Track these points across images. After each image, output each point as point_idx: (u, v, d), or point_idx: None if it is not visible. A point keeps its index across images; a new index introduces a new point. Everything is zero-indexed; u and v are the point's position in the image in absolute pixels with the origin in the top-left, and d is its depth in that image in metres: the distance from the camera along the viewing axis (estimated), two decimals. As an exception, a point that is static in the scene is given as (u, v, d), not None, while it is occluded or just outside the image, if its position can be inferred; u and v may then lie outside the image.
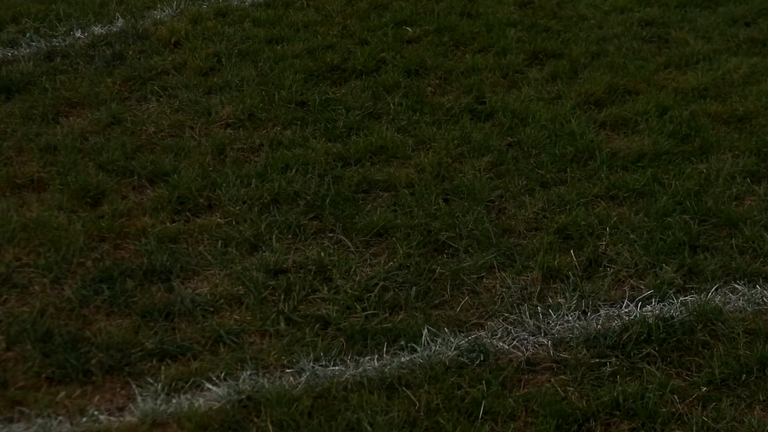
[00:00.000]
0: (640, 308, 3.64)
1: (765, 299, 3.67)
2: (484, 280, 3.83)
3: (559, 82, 5.18)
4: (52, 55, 5.59)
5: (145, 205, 4.29)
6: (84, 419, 3.26)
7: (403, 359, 3.45)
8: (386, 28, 5.79)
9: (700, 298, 3.67)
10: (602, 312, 3.64)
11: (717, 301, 3.65)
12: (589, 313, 3.63)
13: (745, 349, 3.43)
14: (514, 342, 3.52)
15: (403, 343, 3.51)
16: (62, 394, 3.36)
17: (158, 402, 3.30)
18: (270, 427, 3.18)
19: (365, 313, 3.65)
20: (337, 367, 3.42)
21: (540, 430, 3.15)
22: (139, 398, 3.33)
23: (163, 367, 3.45)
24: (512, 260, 3.91)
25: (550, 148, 4.58)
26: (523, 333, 3.56)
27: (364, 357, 3.47)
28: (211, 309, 3.71)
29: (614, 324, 3.56)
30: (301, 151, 4.58)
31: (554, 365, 3.42)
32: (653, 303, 3.67)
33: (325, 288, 3.78)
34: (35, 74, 5.37)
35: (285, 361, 3.46)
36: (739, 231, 4.02)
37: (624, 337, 3.49)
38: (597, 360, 3.42)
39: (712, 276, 3.78)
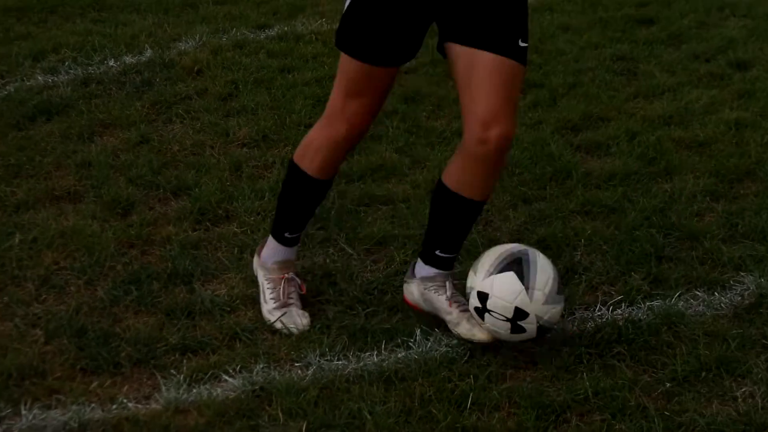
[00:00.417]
0: (612, 312, 3.64)
1: (722, 305, 3.67)
2: (472, 285, 3.83)
3: (539, 109, 5.19)
4: (87, 82, 5.59)
5: (170, 216, 4.29)
6: (114, 406, 3.26)
7: (399, 355, 3.44)
8: (386, 59, 5.79)
9: (665, 303, 3.66)
10: (577, 315, 3.63)
11: (680, 306, 3.64)
12: (565, 316, 3.62)
13: (705, 349, 3.42)
14: (499, 341, 3.51)
15: (399, 340, 3.51)
16: (95, 383, 3.36)
17: (180, 391, 3.30)
18: (280, 414, 3.18)
19: (365, 312, 3.64)
20: (340, 362, 3.42)
21: (521, 420, 3.14)
22: (163, 388, 3.32)
23: (185, 361, 3.45)
24: (497, 268, 3.90)
25: (532, 168, 4.59)
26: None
27: (364, 353, 3.46)
28: (228, 309, 3.71)
29: (588, 325, 3.56)
30: (310, 169, 4.57)
31: (534, 362, 3.42)
32: (623, 307, 3.66)
33: (330, 291, 3.78)
34: (73, 98, 5.37)
35: (294, 356, 3.45)
36: (700, 244, 4.02)
37: (597, 338, 3.48)
38: (572, 357, 3.41)
39: (676, 284, 3.78)
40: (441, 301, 3.52)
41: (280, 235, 3.68)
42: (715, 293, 3.73)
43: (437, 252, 3.55)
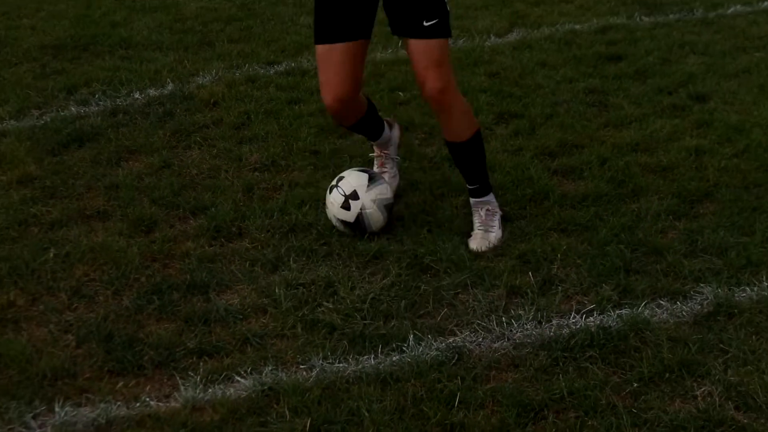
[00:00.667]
0: (585, 319, 3.64)
1: (684, 313, 3.67)
2: (460, 295, 3.83)
3: (520, 137, 5.19)
4: (115, 112, 5.60)
5: (188, 233, 4.29)
6: (137, 404, 3.26)
7: (393, 358, 3.44)
8: (383, 92, 5.81)
9: (632, 312, 3.66)
10: (554, 322, 3.63)
11: (646, 314, 3.64)
12: (543, 323, 3.63)
13: (668, 353, 3.42)
14: (483, 345, 3.52)
15: (393, 345, 3.50)
16: (120, 384, 3.36)
17: (197, 391, 3.30)
18: (287, 412, 3.17)
19: (364, 321, 3.64)
20: (341, 365, 3.41)
21: (503, 417, 3.14)
22: (182, 388, 3.32)
23: (201, 363, 3.45)
24: (482, 279, 3.90)
25: (513, 189, 4.59)
26: (491, 338, 3.56)
27: (362, 356, 3.46)
28: (241, 316, 3.71)
29: (564, 332, 3.56)
30: (314, 191, 4.58)
31: (515, 364, 3.42)
32: (595, 315, 3.66)
33: (332, 300, 3.78)
34: (102, 127, 5.39)
35: (299, 359, 3.45)
36: (663, 258, 4.02)
37: (571, 343, 3.48)
38: (549, 360, 3.41)
39: (642, 294, 3.78)
40: (475, 219, 4.23)
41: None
42: (678, 302, 3.73)
43: (467, 185, 4.27)
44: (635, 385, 3.29)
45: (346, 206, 4.13)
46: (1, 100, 5.81)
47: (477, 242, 4.11)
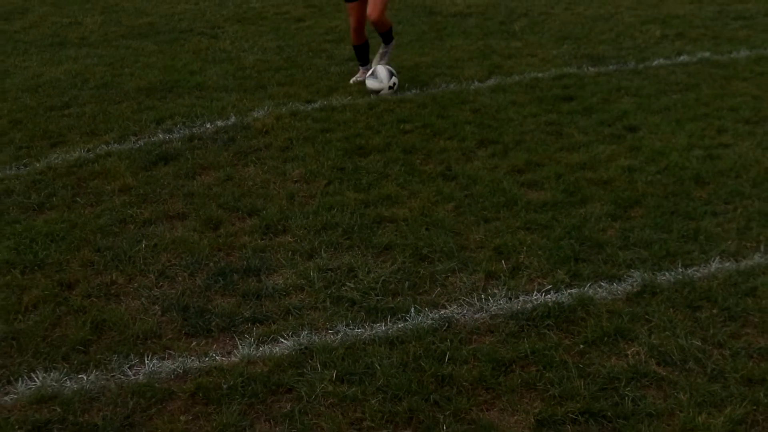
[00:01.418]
0: (544, 296, 3.62)
1: (619, 292, 3.64)
2: (450, 278, 3.81)
3: (496, 158, 5.16)
4: (192, 138, 5.59)
5: (245, 230, 4.28)
6: (206, 359, 3.26)
7: (399, 326, 3.43)
8: (392, 123, 5.79)
9: (580, 291, 3.64)
10: (521, 298, 3.61)
11: (590, 293, 3.62)
12: (512, 299, 3.61)
13: (607, 322, 3.40)
14: (467, 316, 3.50)
15: (399, 315, 3.49)
16: (194, 343, 3.36)
17: (251, 349, 3.30)
18: (318, 365, 3.17)
19: (377, 297, 3.63)
20: (359, 330, 3.40)
21: (482, 370, 3.13)
22: (240, 347, 3.32)
23: (254, 328, 3.45)
24: (467, 266, 3.88)
25: (491, 198, 4.56)
26: (473, 311, 3.54)
27: (376, 324, 3.45)
28: (284, 293, 3.70)
29: (528, 306, 3.54)
30: (340, 198, 4.56)
31: (491, 331, 3.40)
32: (552, 293, 3.64)
33: (353, 281, 3.76)
34: (182, 149, 5.38)
35: (328, 326, 3.44)
36: (604, 250, 3.99)
37: (533, 314, 3.46)
38: (517, 328, 3.40)
39: (587, 277, 3.75)
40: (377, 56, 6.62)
41: (358, 65, 6.63)
42: (614, 284, 3.70)
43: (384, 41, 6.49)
44: (581, 346, 3.27)
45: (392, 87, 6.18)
46: (108, 129, 5.81)
47: (375, 61, 6.46)
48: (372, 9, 6.12)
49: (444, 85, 6.61)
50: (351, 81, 6.47)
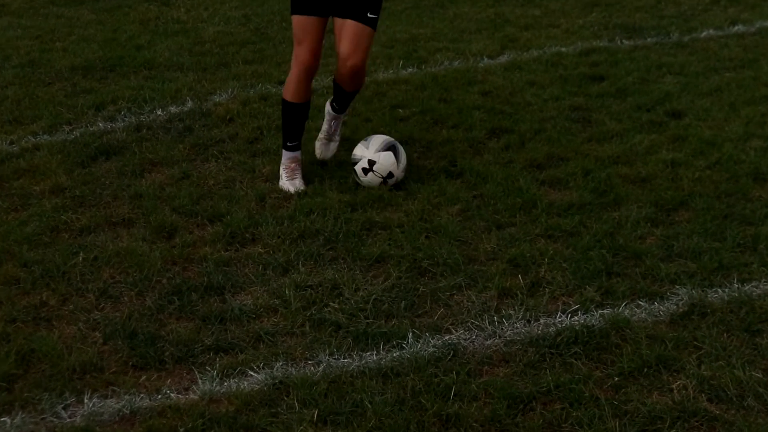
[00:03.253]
0: (570, 318, 3.64)
1: (661, 313, 3.66)
2: (455, 296, 3.82)
3: (510, 150, 5.19)
4: (139, 128, 5.60)
5: (206, 239, 4.29)
6: (159, 396, 3.26)
7: (394, 354, 3.44)
8: (384, 109, 5.81)
9: (614, 311, 3.66)
10: (542, 321, 3.63)
11: (626, 314, 3.64)
12: (532, 322, 3.62)
13: (647, 349, 3.42)
14: (477, 342, 3.51)
15: (394, 342, 3.50)
16: (143, 377, 3.36)
17: (214, 384, 3.30)
18: (296, 404, 3.17)
19: (366, 320, 3.64)
20: (345, 360, 3.41)
21: (495, 409, 3.13)
22: (199, 381, 3.32)
23: (217, 359, 3.45)
24: (476, 282, 3.90)
25: (504, 199, 4.59)
26: (483, 336, 3.56)
27: (365, 353, 3.46)
28: (254, 316, 3.70)
29: (551, 330, 3.55)
30: (321, 200, 4.58)
31: (506, 360, 3.42)
32: (579, 314, 3.66)
33: (338, 301, 3.77)
34: (127, 141, 5.39)
35: (308, 355, 3.45)
36: (642, 262, 4.02)
37: (558, 340, 3.48)
38: (537, 356, 3.41)
39: (623, 295, 3.78)
40: (324, 124, 5.03)
41: (285, 144, 4.81)
42: (655, 303, 3.73)
43: (336, 107, 4.97)
44: (616, 379, 3.29)
45: (384, 183, 4.68)
46: (36, 117, 5.81)
47: (321, 150, 4.98)
48: (351, 47, 4.53)
49: (447, 62, 6.65)
50: (283, 186, 4.75)
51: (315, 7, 4.55)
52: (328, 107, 5.01)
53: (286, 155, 4.79)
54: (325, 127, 5.01)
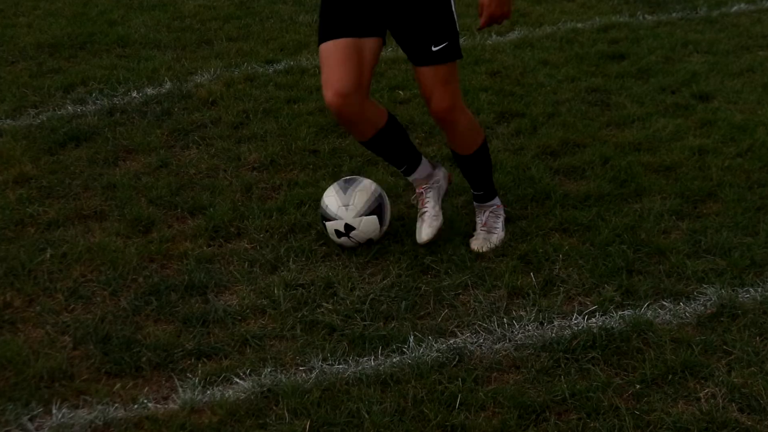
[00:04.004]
0: (587, 320, 3.64)
1: (687, 314, 3.67)
2: (461, 296, 3.83)
3: (521, 136, 5.20)
4: (113, 111, 5.60)
5: (187, 233, 4.29)
6: (135, 406, 3.25)
7: (394, 360, 3.44)
8: (383, 91, 5.81)
9: (635, 313, 3.66)
10: (556, 323, 3.63)
11: (648, 315, 3.64)
12: (545, 324, 3.63)
13: (671, 354, 3.42)
14: (485, 347, 3.52)
15: (394, 346, 3.50)
16: (118, 385, 3.36)
17: (195, 393, 3.29)
18: (286, 414, 3.17)
19: (363, 322, 3.64)
20: (341, 366, 3.41)
21: (505, 419, 3.14)
22: (180, 389, 3.32)
23: (199, 365, 3.45)
24: (483, 280, 3.90)
25: (515, 189, 4.59)
26: (492, 339, 3.56)
27: (362, 358, 3.46)
28: (239, 317, 3.71)
29: (566, 333, 3.56)
30: (313, 190, 4.58)
31: (516, 366, 3.42)
32: (597, 316, 3.66)
33: (332, 301, 3.78)
34: (99, 126, 5.39)
35: (299, 361, 3.45)
36: (666, 258, 4.03)
37: (573, 344, 3.48)
38: (551, 362, 3.41)
39: (645, 295, 3.78)
40: (477, 220, 4.20)
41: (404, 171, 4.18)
42: (681, 303, 3.73)
43: (473, 191, 4.24)
44: (638, 386, 3.29)
45: (358, 245, 4.09)
46: (-2, 99, 5.81)
47: (479, 243, 4.09)
48: (426, 91, 3.86)
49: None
50: (422, 236, 4.12)
51: (346, 25, 3.71)
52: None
53: (414, 182, 4.18)
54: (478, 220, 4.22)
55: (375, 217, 4.06)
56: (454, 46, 3.84)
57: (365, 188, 4.11)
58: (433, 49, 3.77)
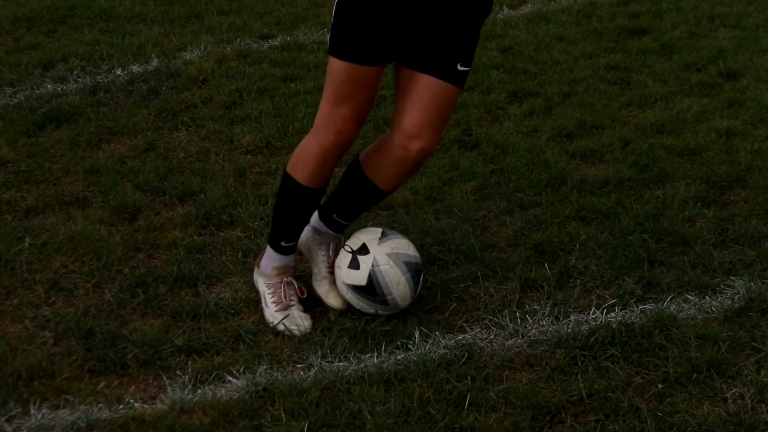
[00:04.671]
0: (605, 315, 3.64)
1: (713, 308, 3.67)
2: (470, 288, 3.83)
3: (535, 117, 5.19)
4: (95, 90, 5.59)
5: (176, 221, 4.29)
6: (121, 406, 3.26)
7: (398, 357, 3.44)
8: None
9: (657, 307, 3.66)
10: (572, 318, 3.64)
11: (672, 310, 3.65)
12: (560, 319, 3.63)
13: (696, 351, 3.43)
14: (496, 343, 3.52)
15: (398, 343, 3.51)
16: (102, 384, 3.36)
17: (186, 392, 3.30)
18: (283, 415, 3.18)
19: (365, 317, 3.64)
20: (341, 363, 3.42)
21: (517, 421, 3.14)
22: (169, 388, 3.32)
23: (190, 362, 3.45)
24: (494, 272, 3.90)
25: (528, 174, 4.59)
26: (503, 335, 3.56)
27: (364, 355, 3.46)
28: (232, 311, 3.71)
29: (583, 328, 3.56)
30: (312, 175, 4.57)
31: (530, 364, 3.42)
32: (616, 310, 3.67)
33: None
34: (81, 106, 5.38)
35: (296, 358, 3.46)
36: (691, 249, 4.03)
37: (591, 340, 3.49)
38: (567, 359, 3.42)
39: (668, 287, 3.78)
40: (319, 255, 3.77)
41: (276, 244, 3.71)
42: (707, 297, 3.73)
43: (334, 215, 3.73)
44: (660, 386, 3.29)
45: (354, 265, 3.63)
46: (-28, 77, 5.80)
47: (330, 291, 3.72)
48: (424, 119, 3.41)
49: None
50: (272, 320, 3.63)
51: (376, 52, 3.35)
52: (318, 222, 3.77)
53: (275, 259, 3.71)
54: (323, 257, 3.78)
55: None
56: (467, 76, 3.48)
57: (400, 249, 3.66)
58: (459, 68, 3.39)
